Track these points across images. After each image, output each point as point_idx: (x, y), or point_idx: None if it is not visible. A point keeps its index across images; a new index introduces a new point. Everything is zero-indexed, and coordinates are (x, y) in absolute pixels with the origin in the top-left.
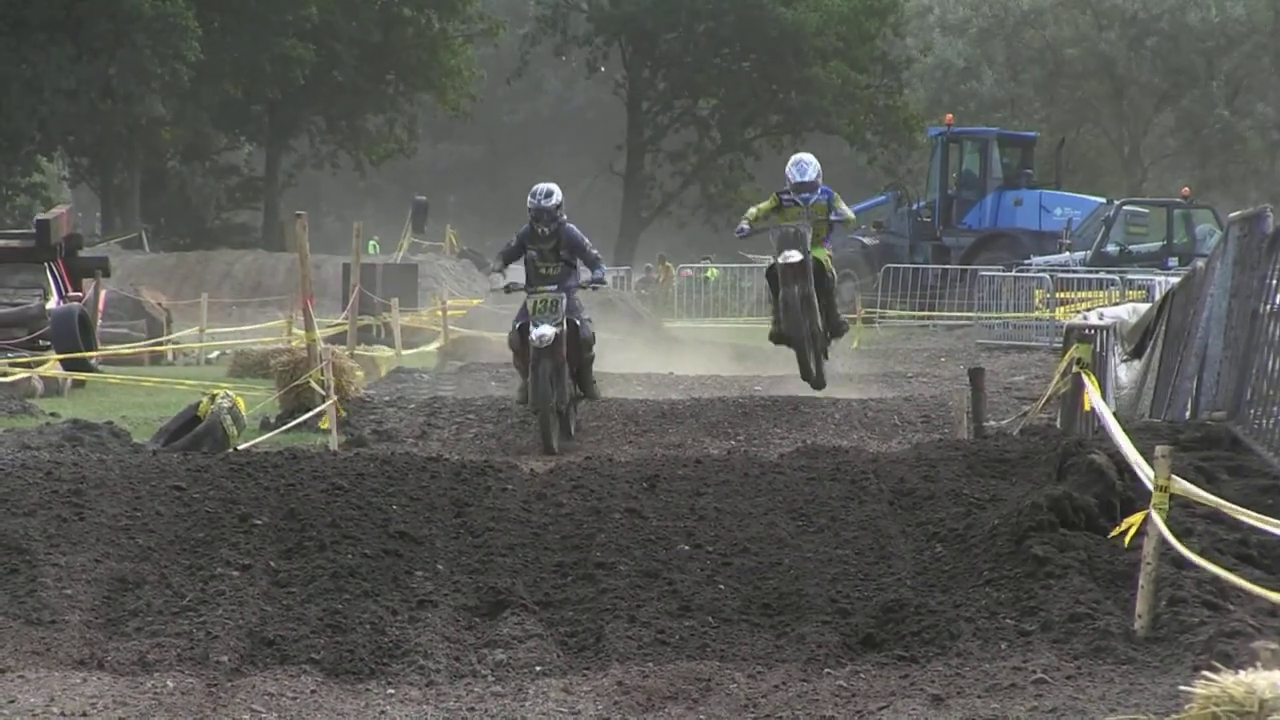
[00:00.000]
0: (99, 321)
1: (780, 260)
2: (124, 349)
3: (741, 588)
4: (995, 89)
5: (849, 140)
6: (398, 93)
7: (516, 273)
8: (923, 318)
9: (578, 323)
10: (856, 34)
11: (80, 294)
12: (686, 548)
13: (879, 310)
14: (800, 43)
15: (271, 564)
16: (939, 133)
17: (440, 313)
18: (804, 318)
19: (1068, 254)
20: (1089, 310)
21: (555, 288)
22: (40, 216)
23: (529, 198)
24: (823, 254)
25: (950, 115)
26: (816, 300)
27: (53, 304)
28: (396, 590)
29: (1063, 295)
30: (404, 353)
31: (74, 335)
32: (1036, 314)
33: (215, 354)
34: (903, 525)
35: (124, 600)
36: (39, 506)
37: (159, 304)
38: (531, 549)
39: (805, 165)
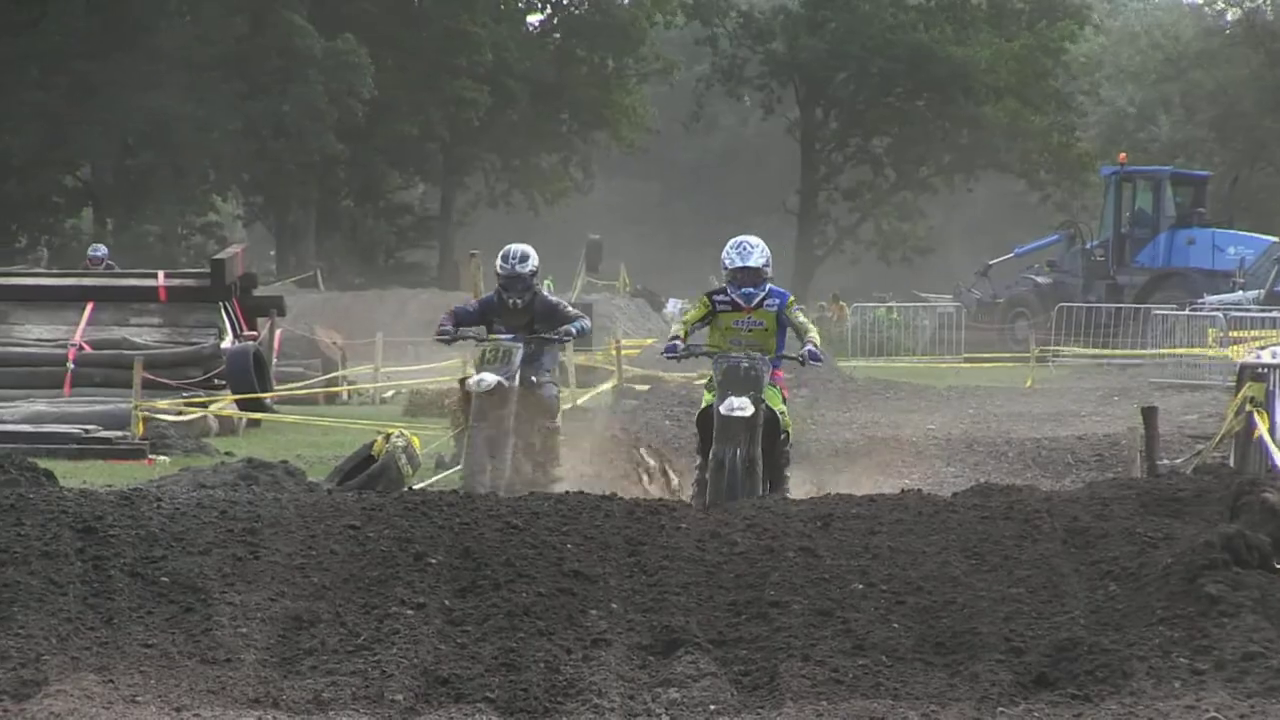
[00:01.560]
0: (274, 361)
1: (722, 409)
2: (298, 388)
3: (915, 626)
4: (1171, 131)
5: (1021, 177)
6: (571, 131)
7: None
8: (1096, 356)
9: (533, 379)
10: (1031, 72)
11: (255, 333)
12: (860, 586)
13: (1053, 349)
14: (971, 80)
15: (446, 602)
16: (1112, 171)
17: (615, 351)
18: (742, 490)
19: (1241, 293)
20: (1262, 349)
21: (512, 337)
22: (215, 256)
23: (500, 261)
24: (778, 400)
25: (1123, 154)
26: (761, 467)
27: (228, 343)
28: (570, 629)
29: (1235, 334)
30: (579, 391)
31: (249, 374)
32: (1210, 352)
33: (390, 393)
34: (1076, 564)
35: (299, 639)
36: (214, 545)
37: (334, 343)
38: (705, 587)
39: (749, 248)
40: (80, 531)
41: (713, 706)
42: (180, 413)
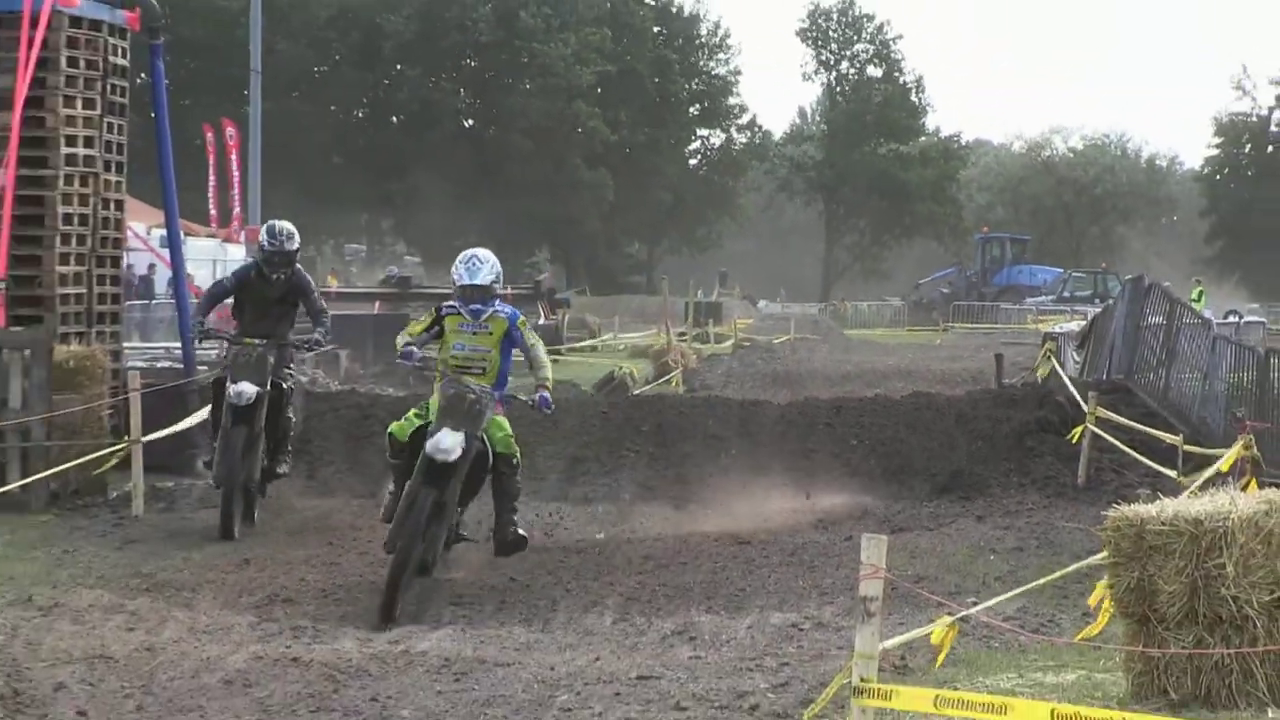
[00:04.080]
0: (565, 332)
1: (428, 447)
2: (577, 346)
3: (881, 462)
4: (1007, 214)
5: (936, 240)
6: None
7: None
8: (972, 328)
9: (283, 385)
10: (941, 188)
11: (555, 318)
12: (855, 442)
13: (948, 325)
14: (911, 191)
15: (650, 449)
16: (981, 236)
17: (735, 326)
18: (424, 531)
19: (1044, 298)
20: (1054, 326)
21: (264, 343)
22: (537, 278)
23: (265, 236)
24: (501, 428)
25: (986, 226)
26: (453, 509)
27: (541, 322)
28: (708, 462)
29: (1041, 318)
30: (715, 346)
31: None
32: (1030, 326)
33: (622, 346)
34: (962, 431)
35: (579, 468)
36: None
37: (594, 321)
38: (780, 444)
39: (477, 263)
40: None
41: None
42: None
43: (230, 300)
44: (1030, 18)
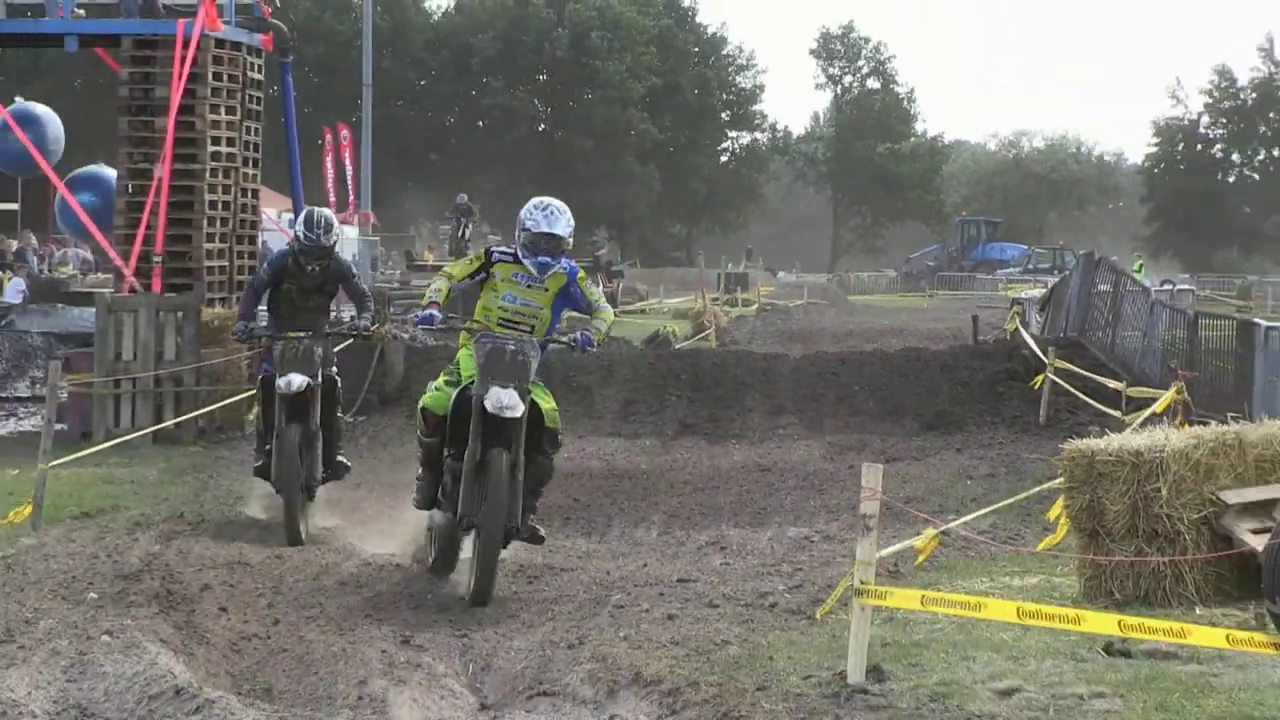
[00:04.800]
0: (620, 297)
1: (489, 403)
2: (629, 308)
3: (878, 404)
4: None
5: (923, 221)
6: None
7: None
8: (953, 294)
9: (335, 378)
10: (928, 178)
11: (611, 286)
12: (856, 388)
13: (933, 291)
14: (904, 183)
15: (688, 395)
16: (959, 219)
17: (758, 293)
18: (505, 498)
19: (1013, 269)
20: (1020, 292)
21: (309, 335)
22: (596, 252)
23: (303, 227)
24: (545, 395)
25: (964, 211)
26: (522, 476)
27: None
28: (735, 406)
29: (1010, 285)
30: (742, 309)
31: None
32: (1000, 292)
33: (666, 309)
34: (945, 379)
35: (629, 412)
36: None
37: (644, 289)
38: (798, 388)
39: (556, 211)
40: None
41: (800, 431)
42: None
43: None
44: (1005, 37)
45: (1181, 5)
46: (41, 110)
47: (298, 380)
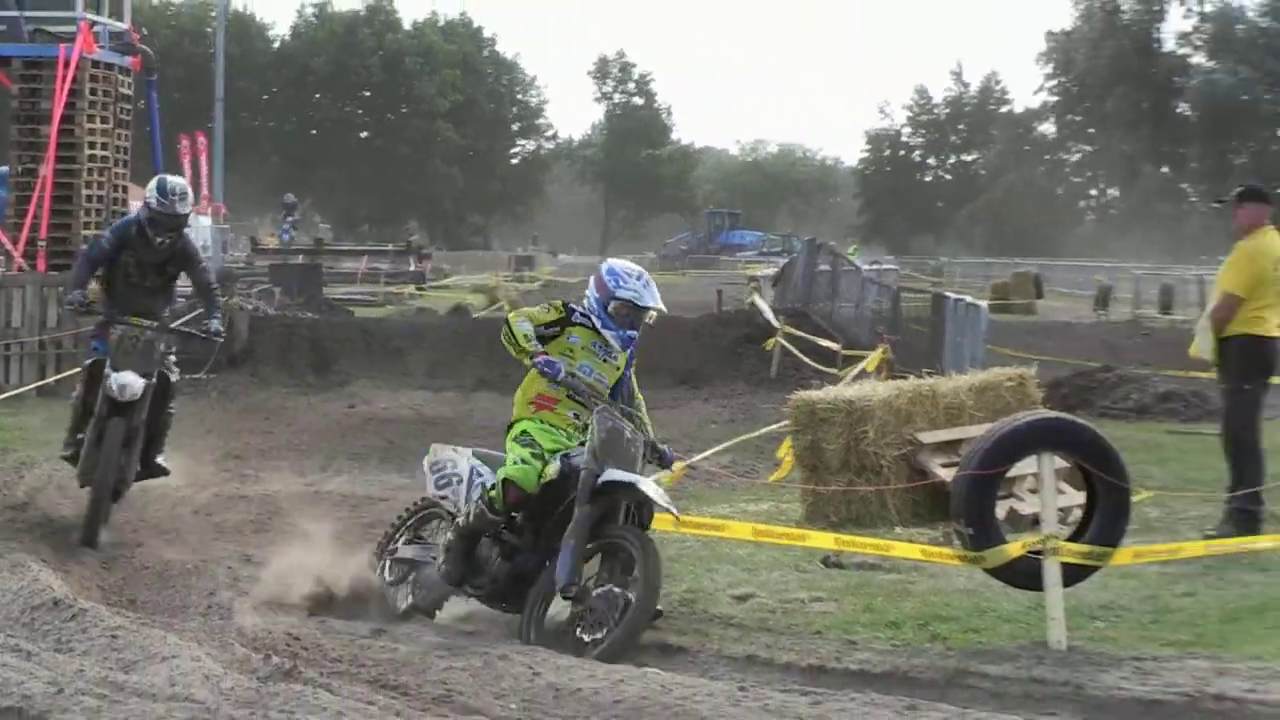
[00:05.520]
0: (428, 275)
1: (647, 488)
2: (436, 284)
3: None
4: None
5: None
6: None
7: None
8: (705, 271)
9: (169, 375)
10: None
11: (422, 266)
12: None
13: (684, 271)
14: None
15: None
16: (709, 211)
17: (543, 271)
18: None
19: (752, 251)
20: (757, 271)
21: (154, 327)
22: (409, 238)
23: (156, 194)
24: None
25: (712, 206)
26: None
27: (411, 269)
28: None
29: (748, 265)
30: (530, 285)
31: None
32: (741, 271)
33: (467, 285)
34: (696, 342)
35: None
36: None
37: (448, 269)
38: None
39: (650, 282)
40: None
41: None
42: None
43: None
44: (748, 61)
45: (889, 36)
46: None
47: (134, 386)
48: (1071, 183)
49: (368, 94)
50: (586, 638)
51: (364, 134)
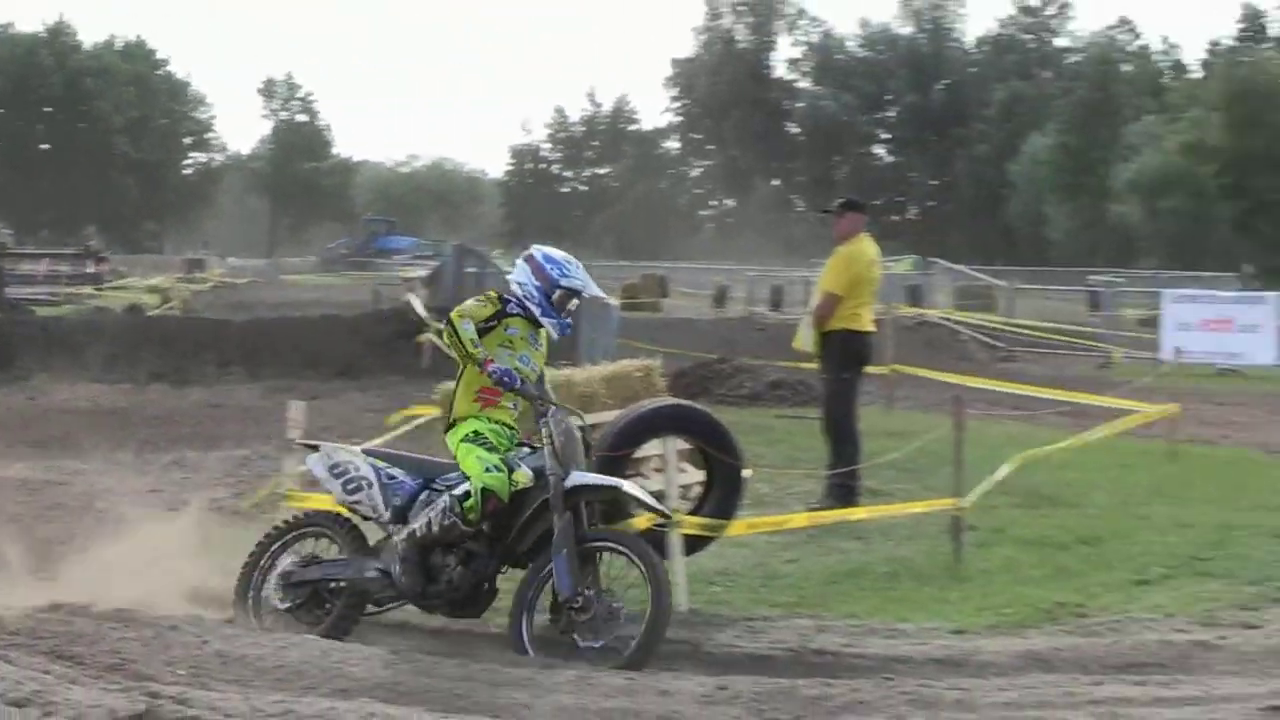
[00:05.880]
0: (105, 276)
1: (633, 488)
2: (113, 284)
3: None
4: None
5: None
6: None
7: None
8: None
9: None
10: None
11: (100, 268)
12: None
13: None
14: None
15: None
16: (367, 219)
17: (212, 273)
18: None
19: (406, 255)
20: (411, 273)
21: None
22: (87, 242)
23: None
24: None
25: (369, 214)
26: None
27: (90, 271)
28: None
29: (404, 269)
30: (200, 286)
31: None
32: (398, 274)
33: (142, 285)
34: (356, 337)
35: None
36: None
37: (125, 270)
38: None
39: (577, 267)
40: None
41: (243, 378)
42: None
43: None
44: (405, 85)
45: (532, 61)
46: None
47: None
48: (693, 194)
49: (49, 110)
50: (582, 643)
51: (44, 145)
